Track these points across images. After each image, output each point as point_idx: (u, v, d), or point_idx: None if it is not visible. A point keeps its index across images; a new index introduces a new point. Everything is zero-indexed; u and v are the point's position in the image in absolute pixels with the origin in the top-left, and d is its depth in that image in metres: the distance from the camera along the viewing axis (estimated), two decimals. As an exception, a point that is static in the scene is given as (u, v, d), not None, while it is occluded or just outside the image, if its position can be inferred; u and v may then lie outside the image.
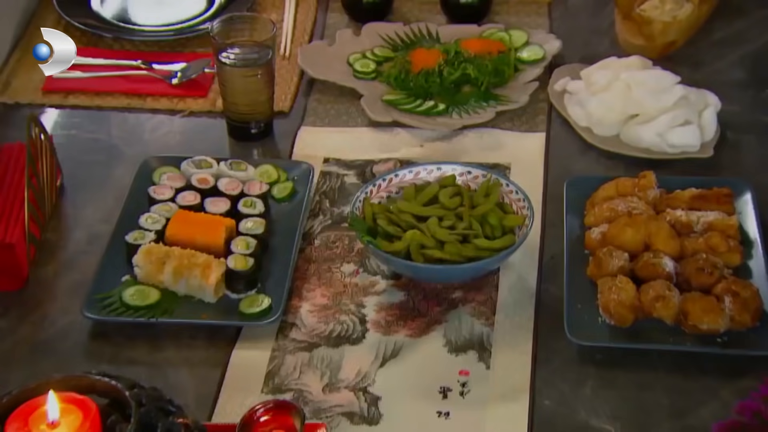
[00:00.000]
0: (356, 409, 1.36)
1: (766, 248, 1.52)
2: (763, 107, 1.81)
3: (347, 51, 1.91)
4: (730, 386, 1.36)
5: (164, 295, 1.50)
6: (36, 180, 1.59)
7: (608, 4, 2.01)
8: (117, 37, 1.99)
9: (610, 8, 1.99)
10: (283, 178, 1.67)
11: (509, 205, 1.56)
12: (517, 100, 1.81)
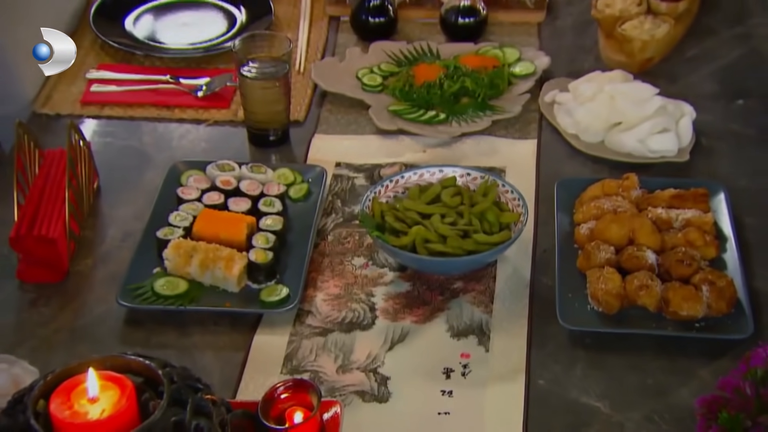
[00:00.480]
0: (367, 388, 1.35)
1: (739, 243, 1.51)
2: (733, 117, 1.80)
3: (356, 66, 1.90)
4: (708, 367, 1.36)
5: (191, 285, 1.49)
6: (75, 182, 1.59)
7: (592, 25, 2.00)
8: (147, 54, 1.98)
9: (594, 28, 1.99)
10: (298, 180, 1.66)
11: (505, 203, 1.55)
12: (511, 110, 1.80)
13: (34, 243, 1.50)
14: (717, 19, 2.05)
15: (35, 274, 1.53)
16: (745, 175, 1.67)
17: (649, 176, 1.62)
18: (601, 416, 1.31)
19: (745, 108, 1.83)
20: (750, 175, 1.68)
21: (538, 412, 1.32)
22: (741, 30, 2.02)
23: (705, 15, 2.04)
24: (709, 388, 1.28)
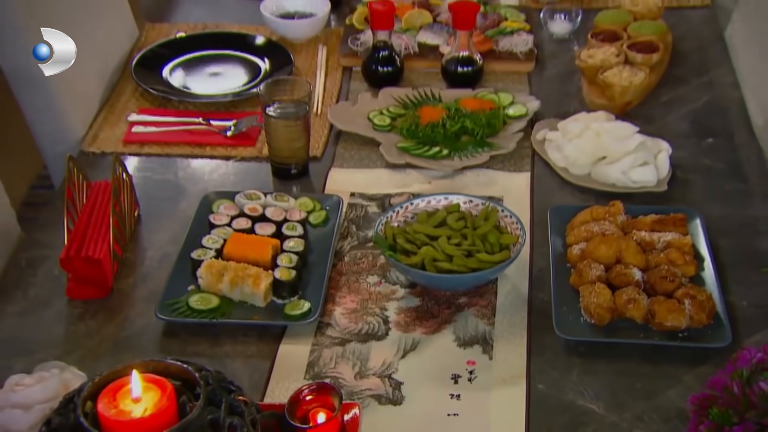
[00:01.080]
0: (383, 392, 1.32)
1: (715, 262, 1.48)
2: (704, 153, 1.78)
3: (367, 109, 1.87)
4: (691, 373, 1.33)
5: (222, 301, 1.46)
6: (119, 209, 1.56)
7: (575, 73, 1.98)
8: (182, 100, 1.95)
9: (578, 76, 1.97)
10: (318, 207, 1.62)
11: (504, 227, 1.52)
12: (506, 146, 1.77)
13: (81, 263, 1.47)
14: (685, 70, 2.03)
15: (83, 292, 1.50)
16: (717, 203, 1.65)
17: (632, 204, 1.59)
18: (596, 417, 1.28)
19: (713, 145, 1.80)
20: (721, 203, 1.65)
21: (539, 413, 1.28)
22: (706, 79, 2.00)
23: (675, 66, 2.03)
24: (693, 391, 1.26)
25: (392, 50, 1.97)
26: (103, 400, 1.08)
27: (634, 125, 1.72)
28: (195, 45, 2.13)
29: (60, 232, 1.51)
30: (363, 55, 2.02)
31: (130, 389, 1.09)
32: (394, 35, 2.00)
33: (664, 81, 1.98)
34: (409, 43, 2.05)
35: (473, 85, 1.95)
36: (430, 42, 2.08)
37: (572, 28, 2.12)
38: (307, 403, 1.23)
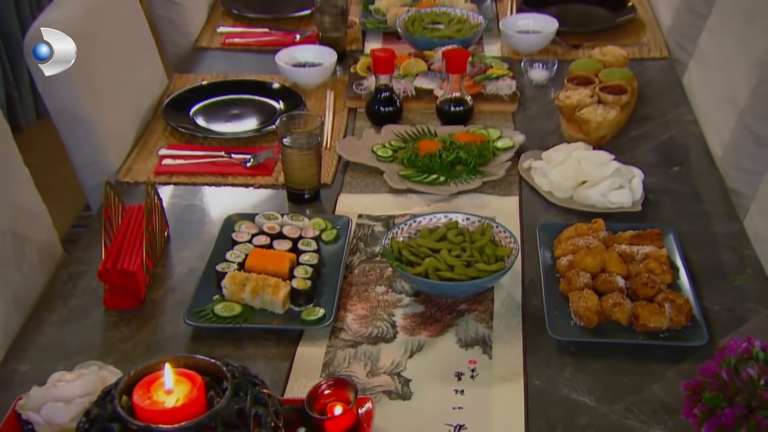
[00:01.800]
0: (393, 388, 1.25)
1: (689, 271, 1.42)
2: (671, 179, 1.73)
3: (371, 143, 1.81)
4: (672, 369, 1.27)
5: (245, 308, 1.38)
6: (151, 228, 1.49)
7: (554, 113, 1.93)
8: (206, 136, 1.88)
9: (557, 115, 1.92)
10: (329, 227, 1.55)
11: (499, 241, 1.45)
12: (497, 173, 1.71)
13: (117, 275, 1.41)
14: (650, 110, 1.98)
15: (118, 302, 1.43)
16: (686, 221, 1.59)
17: (611, 222, 1.52)
18: (589, 409, 1.21)
19: (679, 173, 1.75)
20: (690, 222, 1.59)
21: (537, 406, 1.22)
22: (669, 117, 1.95)
23: (641, 107, 1.98)
24: (676, 386, 1.22)
25: (392, 92, 1.91)
26: (137, 392, 1.02)
27: (610, 153, 1.67)
28: (218, 90, 2.07)
29: (97, 251, 1.45)
30: (366, 97, 1.96)
31: (163, 382, 1.04)
32: (394, 80, 1.95)
33: (632, 119, 1.92)
34: (407, 87, 2.00)
35: (465, 122, 1.89)
36: (425, 86, 2.02)
37: (549, 76, 2.08)
38: (325, 397, 1.16)
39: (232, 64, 2.25)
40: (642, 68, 2.15)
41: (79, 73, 1.75)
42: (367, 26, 2.36)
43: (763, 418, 0.91)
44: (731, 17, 1.99)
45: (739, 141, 1.79)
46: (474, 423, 1.19)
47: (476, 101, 1.94)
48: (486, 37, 2.31)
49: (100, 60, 1.86)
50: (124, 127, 1.90)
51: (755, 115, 1.76)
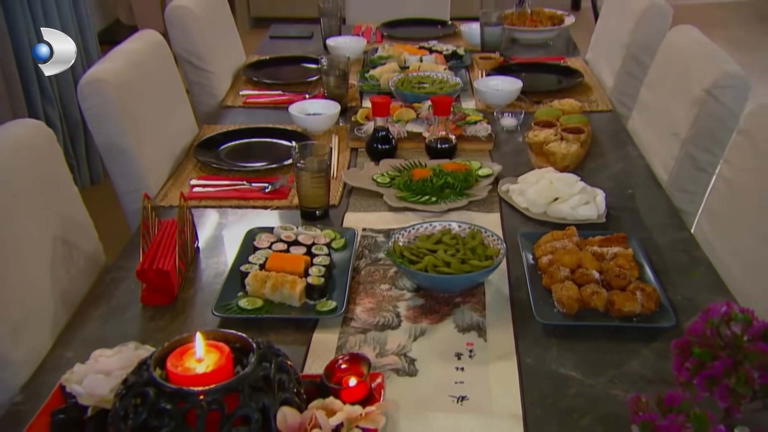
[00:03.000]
0: (400, 366, 1.13)
1: (652, 267, 1.31)
2: (627, 199, 1.62)
3: (371, 173, 1.70)
4: (646, 347, 1.16)
5: (266, 302, 1.26)
6: (183, 237, 1.37)
7: (524, 151, 1.84)
8: (230, 169, 1.77)
9: (526, 152, 1.82)
10: (338, 237, 1.43)
11: (488, 243, 1.33)
12: (480, 195, 1.60)
13: (153, 274, 1.28)
14: (603, 149, 1.89)
15: (154, 298, 1.30)
16: (644, 232, 1.47)
17: (580, 231, 1.41)
18: (576, 381, 1.09)
19: (633, 194, 1.65)
20: (647, 232, 1.48)
21: (530, 380, 1.10)
22: (620, 154, 1.86)
23: (595, 146, 1.89)
24: (651, 362, 1.14)
25: (388, 132, 1.81)
26: (171, 360, 0.91)
27: (577, 176, 1.58)
28: (241, 135, 1.96)
29: (136, 260, 1.32)
30: (365, 138, 1.86)
31: (194, 352, 0.91)
32: (389, 124, 1.85)
33: (589, 155, 1.83)
34: (400, 130, 1.90)
35: (450, 157, 1.78)
36: (415, 130, 1.92)
37: (518, 123, 1.99)
38: (342, 371, 1.04)
39: (251, 118, 2.16)
40: (592, 119, 2.06)
41: (124, 116, 1.67)
42: (364, 88, 2.28)
43: (750, 367, 0.79)
44: (666, 72, 1.94)
45: (681, 167, 1.72)
46: (475, 395, 1.06)
47: (458, 141, 1.84)
48: (462, 96, 2.23)
49: (142, 106, 1.77)
50: (160, 162, 1.79)
51: (695, 144, 1.69)
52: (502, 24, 2.63)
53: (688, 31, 1.94)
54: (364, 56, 2.61)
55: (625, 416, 1.01)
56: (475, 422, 1.01)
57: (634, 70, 2.28)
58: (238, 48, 2.69)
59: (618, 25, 2.42)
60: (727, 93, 1.61)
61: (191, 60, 2.30)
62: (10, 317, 1.17)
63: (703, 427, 0.81)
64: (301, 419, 0.87)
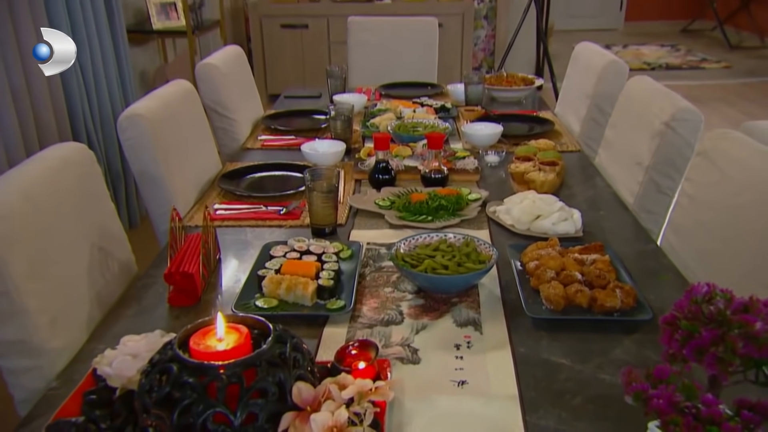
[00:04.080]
0: (404, 356, 1.05)
1: (627, 271, 1.24)
2: (599, 219, 1.55)
3: (374, 198, 1.64)
4: (627, 338, 1.09)
5: (280, 302, 1.19)
6: (207, 246, 1.30)
7: (507, 181, 1.78)
8: (250, 195, 1.70)
9: (509, 182, 1.77)
10: (345, 248, 1.36)
11: (480, 251, 1.27)
12: (470, 214, 1.54)
13: (179, 277, 1.21)
14: (574, 180, 1.83)
15: (179, 299, 1.22)
16: (616, 244, 1.40)
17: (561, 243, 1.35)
18: (567, 367, 1.02)
19: (604, 215, 1.59)
20: (619, 244, 1.41)
21: (524, 367, 1.02)
22: (589, 184, 1.81)
23: (568, 178, 1.83)
24: (632, 351, 1.07)
25: (388, 164, 1.76)
26: (193, 339, 0.83)
27: (555, 197, 1.52)
28: (259, 169, 1.90)
29: (164, 269, 1.24)
30: (368, 171, 1.81)
31: (215, 332, 0.83)
32: (389, 158, 1.80)
33: (563, 185, 1.78)
34: (398, 164, 1.85)
35: (442, 186, 1.72)
36: (411, 165, 1.87)
37: (500, 159, 1.95)
38: (352, 357, 0.95)
39: (268, 157, 2.10)
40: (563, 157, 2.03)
41: (157, 147, 1.62)
42: (366, 133, 2.24)
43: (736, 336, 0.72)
44: (628, 113, 1.91)
45: (645, 190, 1.68)
46: (474, 379, 0.98)
47: (449, 173, 1.78)
48: (451, 140, 2.18)
49: (173, 141, 1.71)
50: (188, 190, 1.73)
51: (657, 171, 1.65)
52: (482, 83, 2.62)
53: (644, 79, 1.93)
54: (365, 110, 2.58)
55: (612, 396, 0.95)
56: (475, 403, 0.93)
57: (597, 117, 2.26)
58: (257, 102, 2.67)
59: (582, 81, 2.42)
60: (683, 125, 1.58)
61: (217, 109, 2.27)
62: (50, 309, 1.09)
63: (692, 396, 0.73)
64: (315, 393, 0.79)
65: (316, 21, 4.88)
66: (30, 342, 1.05)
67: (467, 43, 4.93)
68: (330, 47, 4.93)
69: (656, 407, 0.72)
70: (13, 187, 1.12)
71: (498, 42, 5.31)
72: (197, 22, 4.11)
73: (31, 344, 1.05)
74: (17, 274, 1.04)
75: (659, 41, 7.38)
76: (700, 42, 7.31)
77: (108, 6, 2.93)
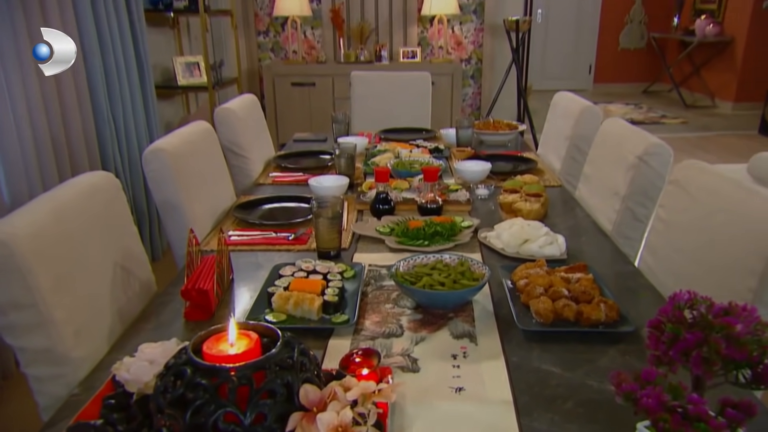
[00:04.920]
0: (405, 365, 1.01)
1: (609, 289, 1.20)
2: (581, 245, 1.52)
3: (375, 225, 1.62)
4: (612, 349, 1.05)
5: (288, 316, 1.14)
6: (221, 265, 1.27)
7: (496, 211, 1.77)
8: (261, 223, 1.68)
9: (498, 213, 1.75)
10: (349, 269, 1.33)
11: (474, 270, 1.23)
12: (464, 239, 1.51)
13: (195, 293, 1.17)
14: (557, 211, 1.81)
15: (195, 314, 1.18)
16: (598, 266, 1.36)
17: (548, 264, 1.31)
18: (557, 375, 0.97)
19: (585, 240, 1.56)
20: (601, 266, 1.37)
21: (517, 374, 0.98)
22: (571, 214, 1.78)
23: (551, 210, 1.81)
24: (617, 360, 1.03)
25: (388, 195, 1.74)
26: (206, 344, 0.79)
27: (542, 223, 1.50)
28: (270, 201, 1.88)
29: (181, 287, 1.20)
30: (369, 202, 1.79)
31: (227, 337, 0.79)
32: (388, 190, 1.78)
33: (546, 216, 1.75)
34: (397, 196, 1.83)
35: (438, 214, 1.71)
36: (409, 197, 1.85)
37: (489, 193, 1.93)
38: (356, 365, 0.92)
39: (279, 191, 2.09)
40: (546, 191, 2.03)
41: (178, 179, 1.60)
42: (367, 170, 2.23)
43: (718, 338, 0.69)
44: (604, 150, 1.91)
45: (622, 218, 1.65)
46: (471, 386, 0.94)
47: (443, 203, 1.77)
48: (444, 176, 2.17)
49: (192, 174, 1.70)
50: (205, 218, 1.71)
51: (633, 200, 1.63)
52: (472, 127, 2.62)
53: (617, 121, 1.93)
54: (366, 151, 2.58)
55: (600, 400, 0.90)
56: (472, 408, 0.89)
57: (576, 155, 2.26)
58: (269, 144, 2.66)
59: (561, 124, 2.42)
60: (655, 158, 1.57)
61: (233, 149, 2.26)
62: (75, 321, 1.05)
63: (678, 395, 0.69)
64: (321, 394, 0.75)
65: (323, 80, 4.94)
66: (55, 351, 1.01)
67: (456, 99, 4.99)
68: (334, 102, 4.98)
69: (646, 406, 0.68)
70: (45, 209, 1.10)
71: (483, 98, 5.38)
72: (217, 79, 4.15)
73: (56, 353, 1.01)
74: (45, 287, 1.01)
75: (624, 100, 7.52)
76: (660, 101, 7.44)
77: (140, 66, 2.96)
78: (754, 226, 1.14)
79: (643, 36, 8.27)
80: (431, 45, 5.19)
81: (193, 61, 4.03)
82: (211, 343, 0.77)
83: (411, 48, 5.06)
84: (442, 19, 5.04)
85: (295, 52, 5.15)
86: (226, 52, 4.68)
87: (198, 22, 4.19)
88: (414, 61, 4.99)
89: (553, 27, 8.03)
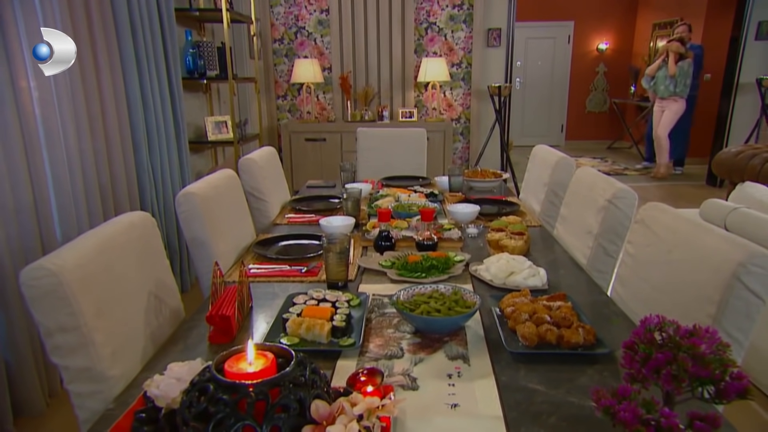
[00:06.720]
0: (405, 383, 0.98)
1: (586, 315, 1.19)
2: (561, 277, 1.50)
3: (378, 260, 1.61)
4: (590, 369, 1.02)
5: (301, 340, 1.12)
6: (241, 294, 1.25)
7: (485, 248, 1.76)
8: (277, 258, 1.67)
9: (486, 249, 1.74)
10: (355, 298, 1.31)
11: (466, 299, 1.22)
12: (456, 272, 1.50)
13: (218, 319, 1.15)
14: (538, 249, 1.79)
15: (218, 338, 1.16)
16: (576, 296, 1.35)
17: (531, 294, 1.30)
18: (542, 392, 0.95)
19: (564, 274, 1.54)
20: (578, 296, 1.36)
21: (506, 392, 0.95)
22: (550, 251, 1.76)
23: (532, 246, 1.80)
24: (595, 379, 1.00)
25: (389, 233, 1.74)
26: (227, 363, 0.77)
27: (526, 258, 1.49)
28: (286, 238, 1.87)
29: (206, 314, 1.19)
30: (373, 239, 1.78)
31: (246, 357, 0.78)
32: (390, 229, 1.78)
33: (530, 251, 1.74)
34: (397, 234, 1.83)
35: (434, 250, 1.70)
36: (407, 235, 1.85)
37: (478, 232, 1.93)
38: (361, 383, 0.89)
39: (293, 230, 2.09)
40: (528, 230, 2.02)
41: (206, 219, 1.60)
42: (370, 212, 2.23)
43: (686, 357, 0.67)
44: (578, 194, 1.91)
45: (595, 254, 1.64)
46: (464, 402, 0.91)
47: (438, 241, 1.76)
48: (438, 217, 2.17)
49: (218, 214, 1.70)
50: (228, 253, 1.70)
51: (604, 238, 1.63)
52: (462, 175, 2.65)
53: (588, 169, 1.95)
54: (370, 195, 2.59)
55: (581, 415, 0.88)
56: (466, 422, 0.86)
57: (553, 199, 2.26)
58: (285, 190, 2.68)
59: (540, 172, 2.44)
60: (622, 201, 1.58)
61: (254, 193, 2.28)
62: (112, 343, 1.04)
63: (651, 409, 0.67)
64: (330, 409, 0.73)
65: (332, 136, 5.02)
66: (94, 369, 0.99)
67: (448, 152, 5.05)
68: (342, 154, 5.04)
69: (623, 419, 0.66)
70: (89, 244, 1.10)
71: (471, 151, 5.44)
72: (241, 135, 4.22)
73: (95, 372, 0.99)
74: (87, 312, 0.99)
75: (591, 155, 7.64)
76: (621, 156, 7.56)
77: (176, 124, 3.02)
78: (710, 259, 1.14)
79: (605, 101, 8.50)
80: (426, 107, 5.29)
81: (221, 120, 4.10)
82: (232, 363, 0.76)
83: (409, 109, 5.16)
84: (435, 85, 5.16)
85: (309, 113, 5.25)
86: (249, 113, 4.77)
87: (227, 87, 4.29)
88: (411, 120, 5.08)
89: (530, 92, 8.25)
